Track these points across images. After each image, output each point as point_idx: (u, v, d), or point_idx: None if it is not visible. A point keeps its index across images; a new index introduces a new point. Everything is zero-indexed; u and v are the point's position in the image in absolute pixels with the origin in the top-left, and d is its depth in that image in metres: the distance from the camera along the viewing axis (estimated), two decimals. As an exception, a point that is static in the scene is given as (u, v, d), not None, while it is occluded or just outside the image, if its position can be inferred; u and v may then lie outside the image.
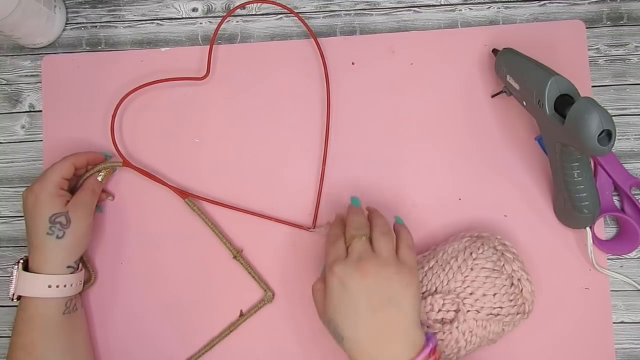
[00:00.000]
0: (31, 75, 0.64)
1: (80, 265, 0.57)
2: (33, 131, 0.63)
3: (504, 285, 0.52)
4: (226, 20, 0.63)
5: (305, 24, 0.62)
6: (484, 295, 0.52)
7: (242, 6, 0.63)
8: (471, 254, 0.53)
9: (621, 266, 0.59)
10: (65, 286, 0.53)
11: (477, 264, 0.52)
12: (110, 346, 0.60)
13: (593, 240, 0.57)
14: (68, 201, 0.55)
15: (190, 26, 0.64)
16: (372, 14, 0.63)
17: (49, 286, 0.52)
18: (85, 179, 0.58)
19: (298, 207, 0.60)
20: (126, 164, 0.60)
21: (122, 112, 0.62)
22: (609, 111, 0.48)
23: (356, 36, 0.63)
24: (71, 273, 0.54)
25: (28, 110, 0.64)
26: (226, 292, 0.60)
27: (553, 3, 0.62)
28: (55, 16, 0.62)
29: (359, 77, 0.62)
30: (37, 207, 0.53)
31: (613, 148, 0.50)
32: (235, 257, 0.59)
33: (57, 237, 0.53)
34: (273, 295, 0.59)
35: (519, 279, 0.52)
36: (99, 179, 0.58)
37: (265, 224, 0.60)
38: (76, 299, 0.56)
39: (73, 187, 0.58)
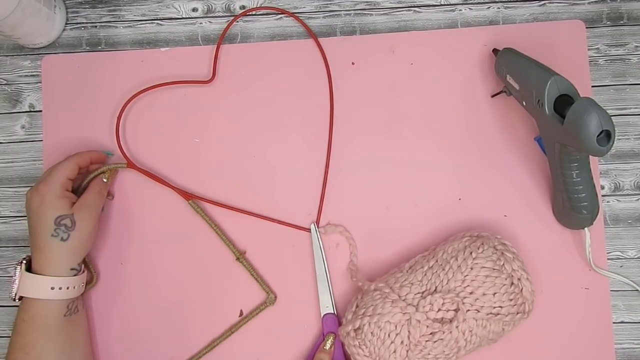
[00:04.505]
0: (31, 75, 0.64)
1: (83, 267, 0.57)
2: (33, 131, 0.63)
3: (504, 285, 0.52)
4: (225, 20, 0.63)
5: (306, 26, 0.62)
6: (484, 294, 0.52)
7: (248, 12, 0.63)
8: (471, 253, 0.53)
9: (621, 266, 0.59)
10: (68, 288, 0.53)
11: (477, 264, 0.52)
12: (111, 346, 0.60)
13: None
14: (73, 203, 0.55)
15: (190, 26, 0.64)
16: (372, 14, 0.63)
17: (52, 288, 0.52)
18: (89, 180, 0.58)
19: (300, 209, 0.60)
20: (131, 165, 0.60)
21: (123, 113, 0.62)
22: (608, 111, 0.48)
23: (356, 36, 0.63)
24: (74, 275, 0.54)
25: (28, 110, 0.64)
26: (228, 294, 0.60)
27: (553, 3, 0.62)
28: (55, 16, 0.62)
29: (359, 77, 0.62)
30: (43, 208, 0.53)
31: (613, 148, 0.50)
32: (238, 258, 0.59)
33: (62, 240, 0.53)
34: (275, 297, 0.59)
35: (518, 279, 0.52)
36: (104, 180, 0.58)
37: (267, 226, 0.60)
38: (78, 301, 0.56)
39: (76, 187, 0.58)
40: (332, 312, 0.58)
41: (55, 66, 0.63)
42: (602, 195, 0.60)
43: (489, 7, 0.62)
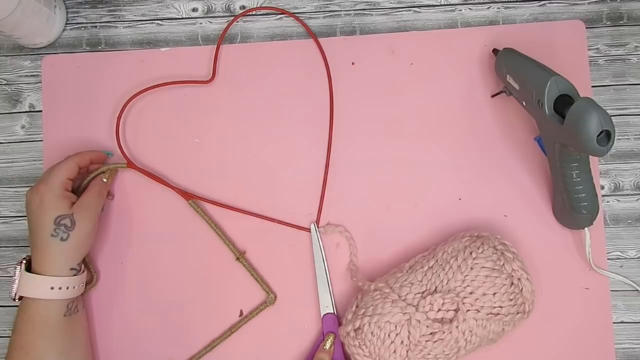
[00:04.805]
0: (31, 75, 0.64)
1: (83, 266, 0.57)
2: (33, 131, 0.63)
3: (504, 285, 0.52)
4: (226, 20, 0.63)
5: (306, 26, 0.62)
6: (484, 294, 0.52)
7: (248, 12, 0.63)
8: (471, 253, 0.53)
9: (621, 266, 0.59)
10: (67, 288, 0.53)
11: (477, 264, 0.52)
12: (111, 347, 0.60)
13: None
14: (73, 202, 0.55)
15: (190, 26, 0.64)
16: (372, 14, 0.63)
17: (52, 288, 0.52)
18: (89, 180, 0.58)
19: (300, 209, 0.60)
20: (130, 165, 0.60)
21: (123, 113, 0.62)
22: (608, 111, 0.48)
23: (356, 36, 0.63)
24: (74, 275, 0.54)
25: (28, 110, 0.64)
26: (228, 294, 0.60)
27: (553, 3, 0.62)
28: (55, 16, 0.62)
29: (359, 77, 0.62)
30: (42, 208, 0.53)
31: (613, 148, 0.50)
32: (238, 258, 0.59)
33: (62, 239, 0.53)
34: (275, 297, 0.59)
35: (518, 279, 0.52)
36: (104, 180, 0.58)
37: (267, 226, 0.60)
38: (78, 301, 0.56)
39: (76, 187, 0.58)
40: (332, 312, 0.58)
41: (55, 66, 0.63)
42: (602, 195, 0.60)
43: (489, 7, 0.62)
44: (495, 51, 0.60)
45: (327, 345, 0.56)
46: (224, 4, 0.64)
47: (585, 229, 0.56)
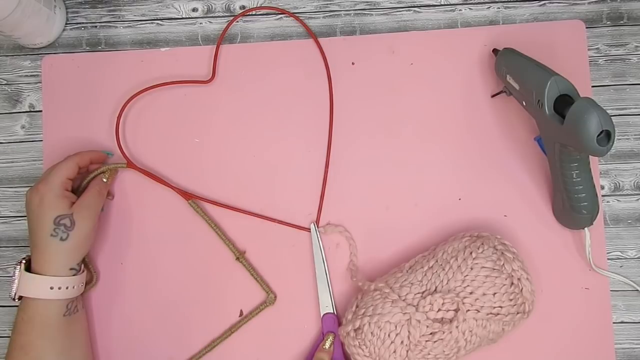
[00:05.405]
0: (31, 75, 0.64)
1: (83, 266, 0.57)
2: (33, 131, 0.63)
3: (504, 285, 0.52)
4: (225, 20, 0.63)
5: (306, 26, 0.62)
6: (484, 294, 0.52)
7: (248, 12, 0.63)
8: (471, 253, 0.53)
9: (621, 266, 0.59)
10: (67, 288, 0.53)
11: (477, 264, 0.52)
12: (111, 347, 0.60)
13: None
14: (73, 202, 0.55)
15: (190, 26, 0.64)
16: (372, 14, 0.63)
17: (51, 288, 0.52)
18: (89, 180, 0.58)
19: (300, 209, 0.60)
20: (130, 165, 0.60)
21: (123, 113, 0.62)
22: (608, 111, 0.48)
23: (356, 36, 0.63)
24: (74, 275, 0.54)
25: (28, 110, 0.64)
26: (228, 294, 0.60)
27: (553, 3, 0.62)
28: (55, 16, 0.62)
29: (359, 77, 0.62)
30: (42, 208, 0.53)
31: (613, 148, 0.50)
32: (238, 258, 0.59)
33: (61, 239, 0.53)
34: (275, 297, 0.59)
35: (518, 279, 0.52)
36: (104, 180, 0.58)
37: (267, 226, 0.60)
38: (77, 301, 0.56)
39: (76, 187, 0.58)
40: (332, 311, 0.58)
41: (55, 66, 0.63)
42: (602, 195, 0.60)
43: (489, 7, 0.62)
44: (495, 51, 0.60)
45: (327, 345, 0.56)
46: (224, 4, 0.64)
47: (585, 229, 0.56)
